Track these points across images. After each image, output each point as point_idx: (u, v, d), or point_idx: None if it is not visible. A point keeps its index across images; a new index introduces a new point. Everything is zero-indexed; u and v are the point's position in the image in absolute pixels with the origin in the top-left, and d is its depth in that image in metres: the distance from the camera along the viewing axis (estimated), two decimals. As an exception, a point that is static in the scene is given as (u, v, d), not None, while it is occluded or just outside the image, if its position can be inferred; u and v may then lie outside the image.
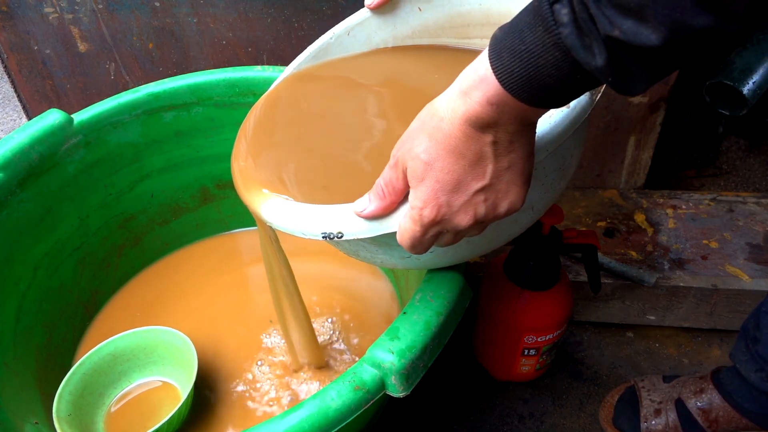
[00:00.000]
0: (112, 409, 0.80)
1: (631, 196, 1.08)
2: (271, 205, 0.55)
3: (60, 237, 0.85)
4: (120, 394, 0.81)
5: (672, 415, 0.82)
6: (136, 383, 0.82)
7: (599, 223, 1.03)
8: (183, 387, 0.81)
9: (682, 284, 0.93)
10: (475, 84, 0.40)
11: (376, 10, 0.68)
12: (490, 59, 0.39)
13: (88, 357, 0.79)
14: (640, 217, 1.04)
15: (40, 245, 0.82)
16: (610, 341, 0.99)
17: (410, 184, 0.46)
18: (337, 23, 0.72)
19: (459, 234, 0.47)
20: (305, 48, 0.99)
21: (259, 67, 0.88)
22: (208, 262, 1.00)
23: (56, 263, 0.85)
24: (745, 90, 0.78)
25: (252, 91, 0.88)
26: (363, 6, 0.70)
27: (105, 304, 0.94)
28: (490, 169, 0.43)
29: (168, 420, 0.71)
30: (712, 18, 0.31)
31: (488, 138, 0.41)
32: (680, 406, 0.82)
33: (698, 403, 0.80)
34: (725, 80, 0.79)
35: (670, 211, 1.05)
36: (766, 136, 1.31)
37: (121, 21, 1.01)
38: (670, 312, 0.97)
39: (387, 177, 0.47)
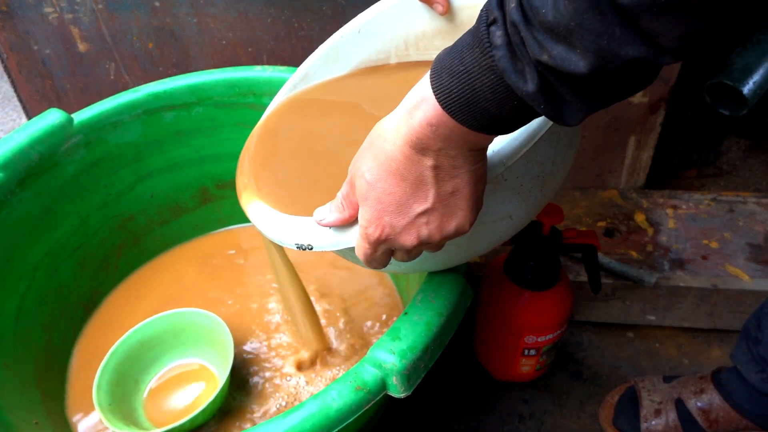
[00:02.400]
0: (149, 395, 0.81)
1: (631, 196, 1.08)
2: (261, 217, 0.60)
3: (60, 237, 0.85)
4: (154, 379, 0.83)
5: (672, 416, 0.82)
6: (168, 367, 0.84)
7: (599, 223, 1.03)
8: (216, 365, 0.83)
9: (682, 284, 0.93)
10: (417, 104, 0.39)
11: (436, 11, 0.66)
12: (431, 79, 0.38)
13: (119, 346, 0.80)
14: (640, 217, 1.04)
15: (40, 245, 0.82)
16: (610, 341, 0.99)
17: (359, 202, 0.46)
18: (337, 23, 0.72)
19: (411, 252, 0.47)
20: (305, 48, 1.00)
21: (259, 67, 0.88)
22: (206, 257, 1.00)
23: (56, 263, 0.85)
24: (746, 90, 0.78)
25: (252, 91, 0.88)
26: (367, 6, 0.69)
27: (102, 301, 0.94)
28: (431, 193, 0.42)
29: (212, 400, 0.73)
30: (643, 49, 0.30)
31: (429, 162, 0.40)
32: (680, 406, 0.82)
33: (698, 404, 0.80)
34: (725, 80, 0.79)
35: (670, 211, 1.05)
36: (766, 136, 1.31)
37: (121, 21, 1.01)
38: (671, 312, 0.97)
39: (344, 191, 0.48)
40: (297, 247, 0.54)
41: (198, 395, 0.80)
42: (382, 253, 0.47)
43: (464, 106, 0.36)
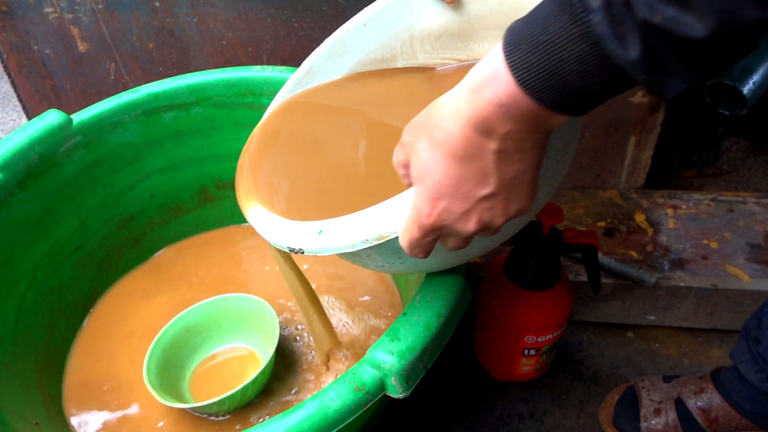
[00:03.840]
0: (195, 380, 0.83)
1: (631, 196, 1.08)
2: (257, 218, 0.61)
3: (59, 237, 0.85)
4: (198, 365, 0.84)
5: (672, 415, 0.82)
6: (212, 353, 0.85)
7: (599, 223, 1.03)
8: (259, 349, 0.84)
9: (682, 284, 0.93)
10: (486, 81, 0.35)
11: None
12: (504, 52, 0.34)
13: (165, 332, 0.81)
14: (640, 217, 1.04)
15: (40, 245, 0.82)
16: (610, 341, 0.99)
17: (413, 181, 0.43)
18: (337, 23, 0.71)
19: (468, 239, 0.44)
20: (305, 48, 1.00)
21: (258, 67, 0.88)
22: (206, 256, 1.00)
23: (56, 263, 0.85)
24: (746, 90, 0.78)
25: (251, 92, 0.88)
26: (366, 5, 0.69)
27: (102, 300, 0.94)
28: (494, 179, 0.39)
29: (261, 371, 0.75)
30: (766, 11, 0.27)
31: (492, 145, 0.37)
32: (680, 405, 0.82)
33: (698, 403, 0.80)
34: (725, 80, 0.79)
35: (670, 211, 1.05)
36: (766, 136, 1.31)
37: (121, 21, 1.01)
38: (670, 312, 0.97)
39: (395, 158, 0.45)
40: (289, 250, 0.55)
41: (242, 377, 0.81)
42: (431, 240, 0.45)
43: (546, 81, 0.33)
